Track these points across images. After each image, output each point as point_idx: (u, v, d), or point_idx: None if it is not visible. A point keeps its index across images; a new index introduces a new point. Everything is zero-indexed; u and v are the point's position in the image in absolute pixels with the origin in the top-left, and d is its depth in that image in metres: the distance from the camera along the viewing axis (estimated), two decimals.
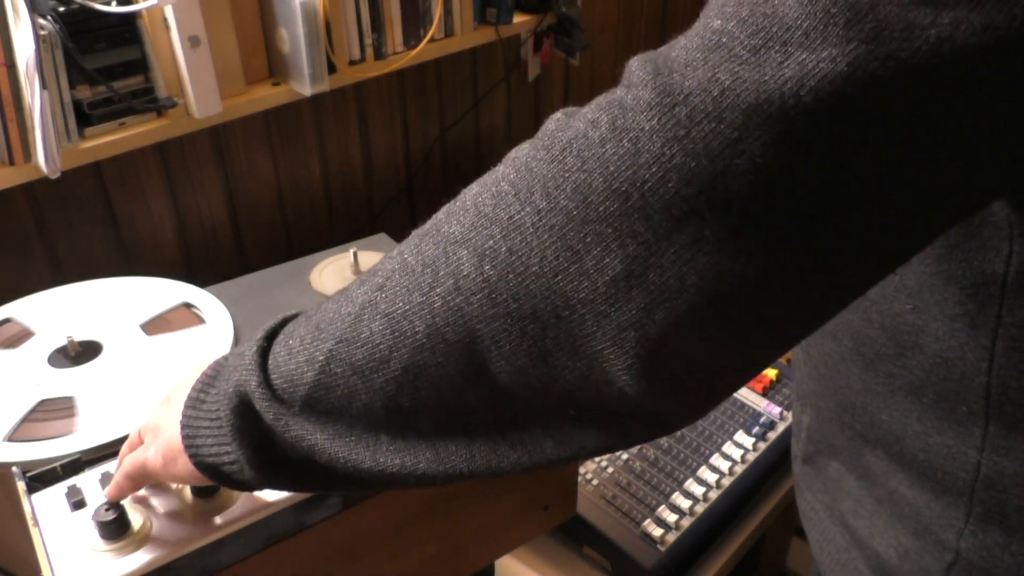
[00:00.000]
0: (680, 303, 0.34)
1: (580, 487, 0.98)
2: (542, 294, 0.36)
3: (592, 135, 0.35)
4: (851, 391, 0.53)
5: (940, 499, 0.49)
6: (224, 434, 0.46)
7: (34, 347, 0.91)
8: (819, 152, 0.31)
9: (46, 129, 1.01)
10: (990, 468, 0.46)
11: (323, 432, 0.44)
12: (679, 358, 0.36)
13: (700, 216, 0.33)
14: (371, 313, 0.41)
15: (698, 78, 0.33)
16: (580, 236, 0.35)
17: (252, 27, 1.25)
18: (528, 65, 1.72)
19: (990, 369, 0.44)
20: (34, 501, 0.59)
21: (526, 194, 0.37)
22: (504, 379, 0.39)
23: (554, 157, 0.36)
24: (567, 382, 0.38)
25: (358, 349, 0.41)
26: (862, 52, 0.30)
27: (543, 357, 0.37)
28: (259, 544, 0.60)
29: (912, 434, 0.49)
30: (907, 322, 0.46)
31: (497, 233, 0.37)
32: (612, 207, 0.34)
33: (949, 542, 0.49)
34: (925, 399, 0.48)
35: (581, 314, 0.36)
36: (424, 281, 0.39)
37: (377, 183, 1.58)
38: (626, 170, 0.34)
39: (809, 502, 0.63)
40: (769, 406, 1.11)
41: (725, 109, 0.32)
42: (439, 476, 0.43)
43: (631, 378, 0.36)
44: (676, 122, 0.33)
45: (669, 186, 0.33)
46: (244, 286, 1.09)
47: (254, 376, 0.45)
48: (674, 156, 0.33)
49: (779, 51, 0.31)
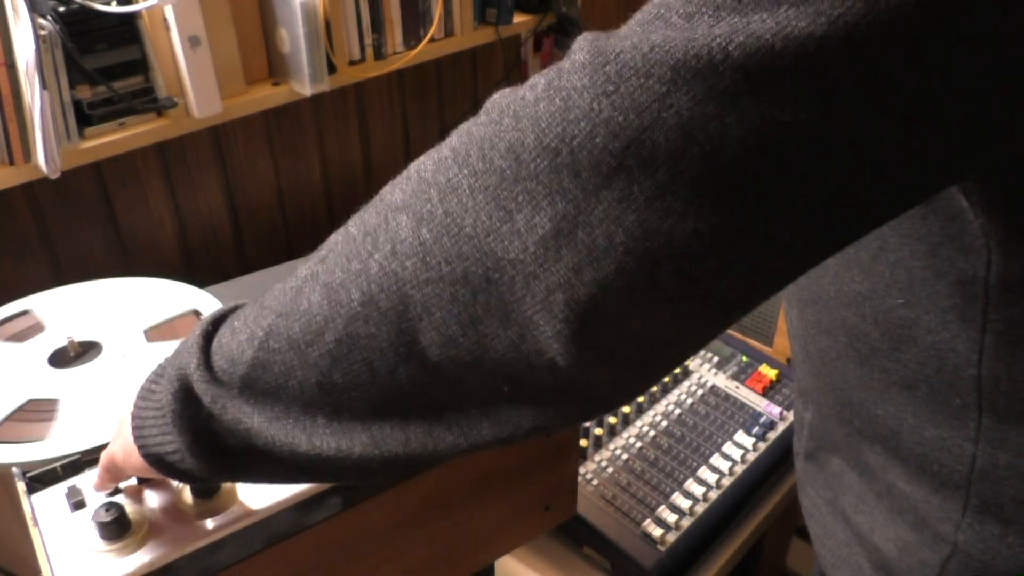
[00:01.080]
0: (608, 263, 0.33)
1: (580, 487, 0.98)
2: (474, 256, 0.36)
3: (528, 96, 0.35)
4: (848, 387, 0.53)
5: (937, 492, 0.49)
6: (166, 422, 0.45)
7: (40, 344, 0.91)
8: (745, 108, 0.31)
9: (46, 129, 1.01)
10: (985, 460, 0.46)
11: (260, 414, 0.43)
12: (610, 324, 0.35)
13: (628, 172, 0.33)
14: (312, 285, 0.41)
15: (631, 39, 0.33)
16: (512, 195, 0.35)
17: (252, 27, 1.25)
18: (528, 65, 1.72)
19: (980, 361, 0.44)
20: (34, 501, 0.59)
21: (463, 156, 0.37)
22: (435, 353, 0.38)
23: (492, 120, 0.36)
24: (498, 353, 0.37)
25: (295, 322, 0.41)
26: (792, 12, 0.30)
27: (473, 324, 0.37)
28: (259, 544, 0.60)
29: (908, 428, 0.49)
30: (900, 316, 0.46)
31: (435, 196, 0.37)
32: (542, 164, 0.34)
33: (947, 535, 0.49)
34: (919, 392, 0.48)
35: (511, 275, 0.35)
36: (364, 249, 0.39)
37: (377, 183, 1.57)
38: (556, 126, 0.34)
39: (811, 498, 0.63)
40: (769, 406, 1.11)
41: (654, 65, 0.32)
42: (375, 460, 0.42)
43: (561, 345, 0.35)
44: (606, 78, 0.33)
45: (597, 141, 0.33)
46: (244, 286, 1.09)
47: (194, 358, 0.44)
48: (602, 111, 0.33)
49: (711, 16, 0.32)
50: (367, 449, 0.42)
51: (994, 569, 0.48)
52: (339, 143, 1.49)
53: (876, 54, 0.30)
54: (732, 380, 1.16)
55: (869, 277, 0.47)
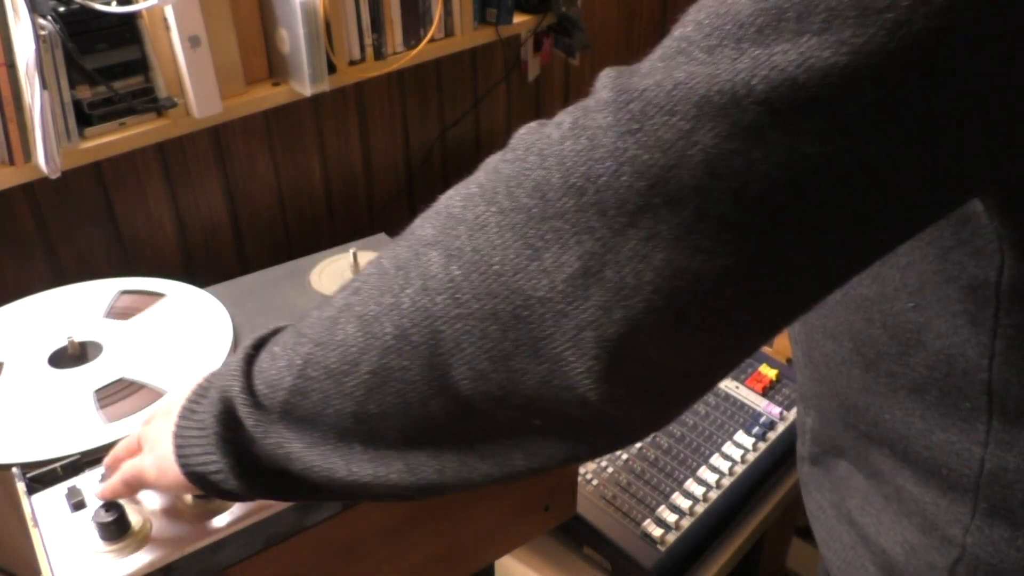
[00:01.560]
0: (637, 301, 0.34)
1: (580, 487, 0.98)
2: (503, 293, 0.36)
3: (554, 134, 0.36)
4: (853, 392, 0.53)
5: (946, 495, 0.49)
6: (210, 443, 0.47)
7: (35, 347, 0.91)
8: (771, 143, 0.31)
9: (46, 129, 1.01)
10: (994, 463, 0.46)
11: (299, 440, 0.44)
12: (639, 360, 0.35)
13: (654, 210, 0.33)
14: (347, 316, 0.41)
15: (654, 77, 0.33)
16: (539, 233, 0.35)
17: (252, 27, 1.25)
18: (528, 65, 1.72)
19: (991, 365, 0.44)
20: (34, 502, 0.59)
21: (491, 194, 0.37)
22: (466, 387, 0.38)
23: (518, 157, 0.37)
24: (528, 388, 0.37)
25: (332, 352, 0.42)
26: (814, 43, 0.30)
27: (503, 360, 0.37)
28: (259, 544, 0.60)
29: (916, 432, 0.49)
30: (909, 320, 0.46)
31: (464, 233, 0.37)
32: (569, 203, 0.34)
33: (955, 538, 0.49)
34: (928, 397, 0.48)
35: (540, 314, 0.35)
36: (396, 283, 0.40)
37: (377, 183, 1.58)
38: (582, 165, 0.34)
39: (816, 502, 0.63)
40: (769, 406, 1.11)
41: (678, 102, 0.32)
42: (411, 487, 0.43)
43: (591, 382, 0.35)
44: (630, 116, 0.33)
45: (623, 180, 0.33)
46: (244, 286, 1.09)
47: (237, 382, 0.45)
48: (627, 149, 0.33)
49: (733, 48, 0.31)
50: (403, 476, 0.43)
51: (1003, 572, 0.48)
52: (339, 143, 1.49)
53: (899, 81, 0.30)
54: (732, 380, 1.16)
55: (878, 281, 0.47)
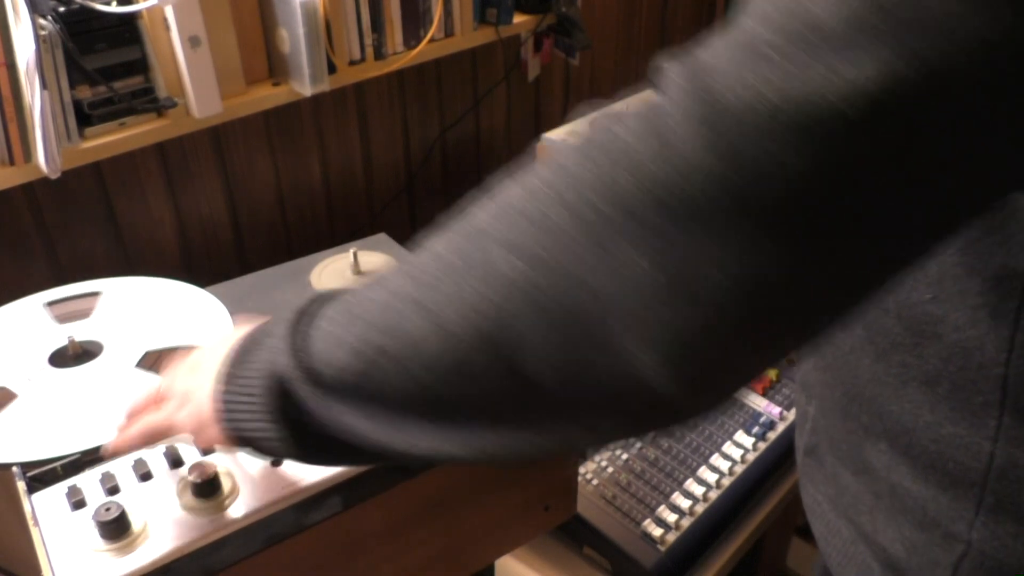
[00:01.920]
0: (709, 306, 0.34)
1: (580, 487, 0.98)
2: (573, 291, 0.36)
3: (630, 140, 0.36)
4: (860, 382, 0.53)
5: (947, 491, 0.49)
6: (263, 412, 0.47)
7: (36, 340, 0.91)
8: (846, 154, 0.32)
9: (46, 129, 1.01)
10: (1004, 458, 0.46)
11: (359, 416, 0.45)
12: (710, 360, 0.36)
13: (728, 217, 0.33)
14: (403, 300, 0.42)
15: (735, 87, 0.33)
16: (610, 234, 0.35)
17: (252, 27, 1.25)
18: (528, 65, 1.72)
19: (1009, 360, 0.44)
20: (34, 501, 0.60)
21: (557, 191, 0.37)
22: (532, 370, 0.39)
23: (587, 156, 0.37)
24: (595, 380, 0.38)
25: (396, 339, 0.42)
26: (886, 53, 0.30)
27: (572, 351, 0.38)
28: (259, 544, 0.60)
29: (923, 425, 0.49)
30: (926, 311, 0.46)
31: (528, 228, 0.38)
32: (641, 207, 0.34)
33: (960, 534, 0.49)
34: (939, 389, 0.48)
35: (611, 311, 0.36)
36: (455, 272, 0.40)
37: (377, 183, 1.58)
38: (661, 174, 0.34)
39: (812, 495, 0.63)
40: (769, 406, 1.11)
41: (763, 118, 0.32)
42: (469, 458, 0.44)
43: (662, 379, 0.36)
44: (711, 128, 0.33)
45: (696, 187, 0.33)
46: (244, 286, 1.09)
47: (288, 358, 0.46)
48: (710, 164, 0.33)
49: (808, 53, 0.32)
50: (462, 449, 0.43)
51: (1009, 567, 0.48)
52: (339, 143, 1.49)
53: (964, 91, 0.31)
54: None
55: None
